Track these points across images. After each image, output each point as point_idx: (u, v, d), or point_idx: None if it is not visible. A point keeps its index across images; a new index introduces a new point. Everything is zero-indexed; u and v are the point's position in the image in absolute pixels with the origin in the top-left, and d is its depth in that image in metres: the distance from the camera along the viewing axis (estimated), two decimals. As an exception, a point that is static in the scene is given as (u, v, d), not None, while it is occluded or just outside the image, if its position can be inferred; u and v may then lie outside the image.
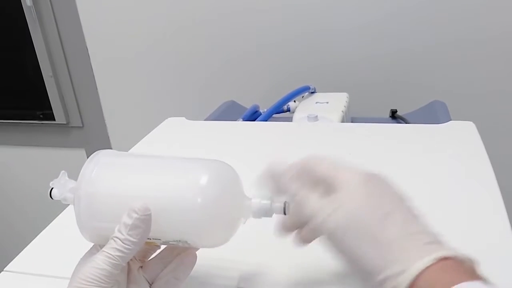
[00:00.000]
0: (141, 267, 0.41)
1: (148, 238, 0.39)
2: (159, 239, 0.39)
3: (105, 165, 0.41)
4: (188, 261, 0.41)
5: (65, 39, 1.45)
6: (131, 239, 0.36)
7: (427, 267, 0.32)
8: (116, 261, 0.36)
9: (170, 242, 0.39)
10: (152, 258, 0.42)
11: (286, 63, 1.27)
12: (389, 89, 1.23)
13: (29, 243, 0.56)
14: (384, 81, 1.23)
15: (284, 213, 0.40)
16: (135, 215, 0.36)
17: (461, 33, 1.15)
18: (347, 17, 1.19)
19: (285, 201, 0.40)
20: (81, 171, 0.40)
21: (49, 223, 0.60)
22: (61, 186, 0.41)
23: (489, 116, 1.18)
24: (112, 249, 0.36)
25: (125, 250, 0.36)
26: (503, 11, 1.11)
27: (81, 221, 0.39)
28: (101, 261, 0.36)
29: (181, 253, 0.41)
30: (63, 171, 0.41)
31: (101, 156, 0.42)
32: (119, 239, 0.36)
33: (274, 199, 0.41)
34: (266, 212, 0.41)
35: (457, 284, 0.30)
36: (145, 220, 0.36)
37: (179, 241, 0.39)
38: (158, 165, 0.41)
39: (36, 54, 1.47)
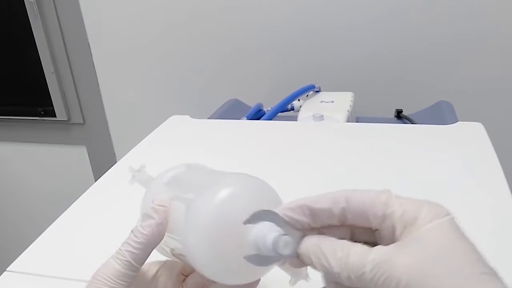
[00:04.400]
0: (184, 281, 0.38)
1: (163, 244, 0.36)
2: (168, 246, 0.37)
3: (187, 168, 0.40)
4: None
5: (67, 35, 1.44)
6: (141, 230, 0.33)
7: None
8: (124, 257, 0.32)
9: (175, 252, 0.37)
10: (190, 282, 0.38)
11: (290, 62, 1.26)
12: (394, 88, 1.22)
13: (31, 241, 0.55)
14: (389, 80, 1.22)
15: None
16: (151, 205, 0.35)
17: (468, 32, 1.14)
18: (352, 16, 1.18)
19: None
20: (173, 167, 0.40)
21: (51, 220, 0.59)
22: (136, 177, 0.42)
23: (496, 116, 1.17)
24: (124, 244, 0.33)
25: (133, 244, 0.33)
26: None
27: None
28: (112, 258, 0.33)
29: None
30: (143, 163, 0.42)
31: (195, 162, 0.42)
32: (132, 231, 0.34)
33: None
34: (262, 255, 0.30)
35: None
36: (158, 211, 0.34)
37: (182, 255, 0.35)
38: (207, 174, 0.39)
39: (37, 50, 1.46)
